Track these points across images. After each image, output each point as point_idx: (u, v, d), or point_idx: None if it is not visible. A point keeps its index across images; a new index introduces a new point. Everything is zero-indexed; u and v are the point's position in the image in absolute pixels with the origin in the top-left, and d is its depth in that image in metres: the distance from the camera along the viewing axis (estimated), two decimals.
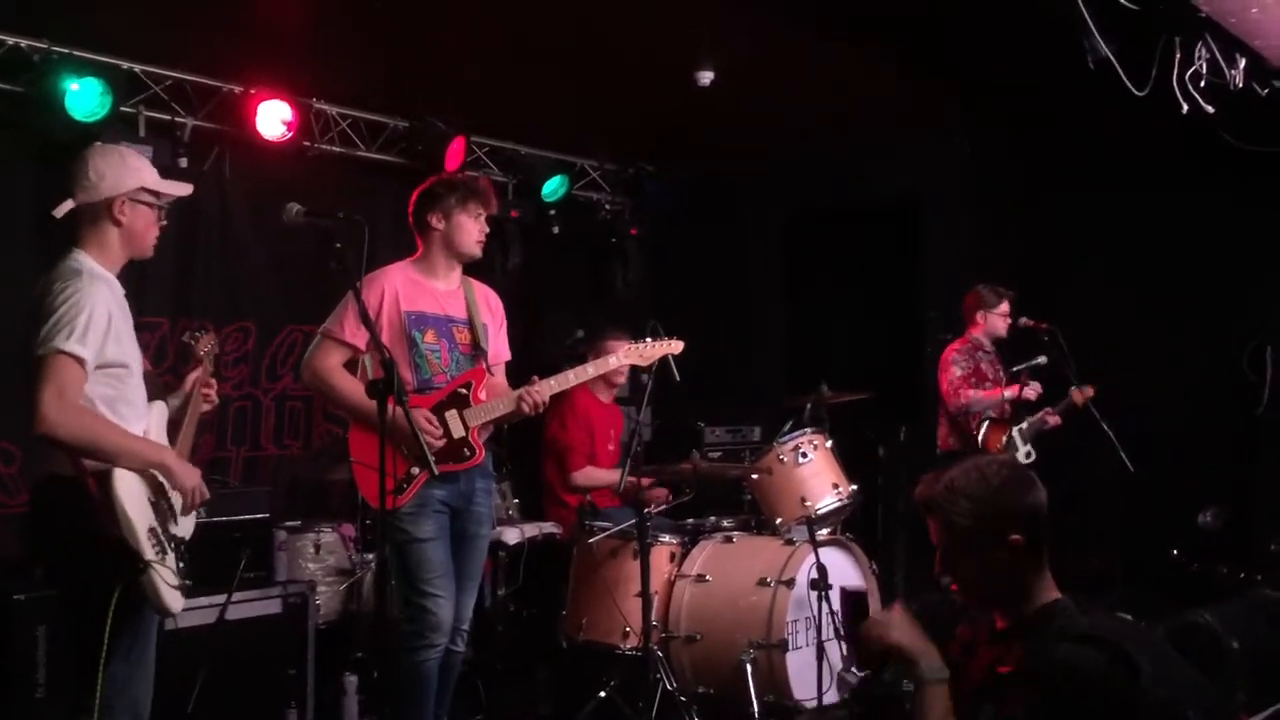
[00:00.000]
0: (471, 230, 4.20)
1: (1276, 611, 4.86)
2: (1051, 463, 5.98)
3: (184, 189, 3.42)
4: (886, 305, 7.71)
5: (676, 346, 4.49)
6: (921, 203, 7.69)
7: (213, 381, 3.54)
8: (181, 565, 3.15)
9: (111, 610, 2.93)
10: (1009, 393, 5.82)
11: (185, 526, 3.26)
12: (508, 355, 4.39)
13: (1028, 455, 5.97)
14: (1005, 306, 6.12)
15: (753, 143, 7.10)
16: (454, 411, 4.08)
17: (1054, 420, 5.96)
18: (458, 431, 4.07)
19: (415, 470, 3.94)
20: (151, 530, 3.05)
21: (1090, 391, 5.96)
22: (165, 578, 3.03)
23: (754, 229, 8.34)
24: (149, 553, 2.99)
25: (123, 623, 2.99)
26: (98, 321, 3.00)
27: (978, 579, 2.37)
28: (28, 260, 4.90)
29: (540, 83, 6.19)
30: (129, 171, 3.20)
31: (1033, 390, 5.90)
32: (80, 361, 2.96)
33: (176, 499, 3.20)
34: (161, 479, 3.13)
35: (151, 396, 3.29)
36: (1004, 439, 5.81)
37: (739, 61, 6.04)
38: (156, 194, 3.27)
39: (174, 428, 3.37)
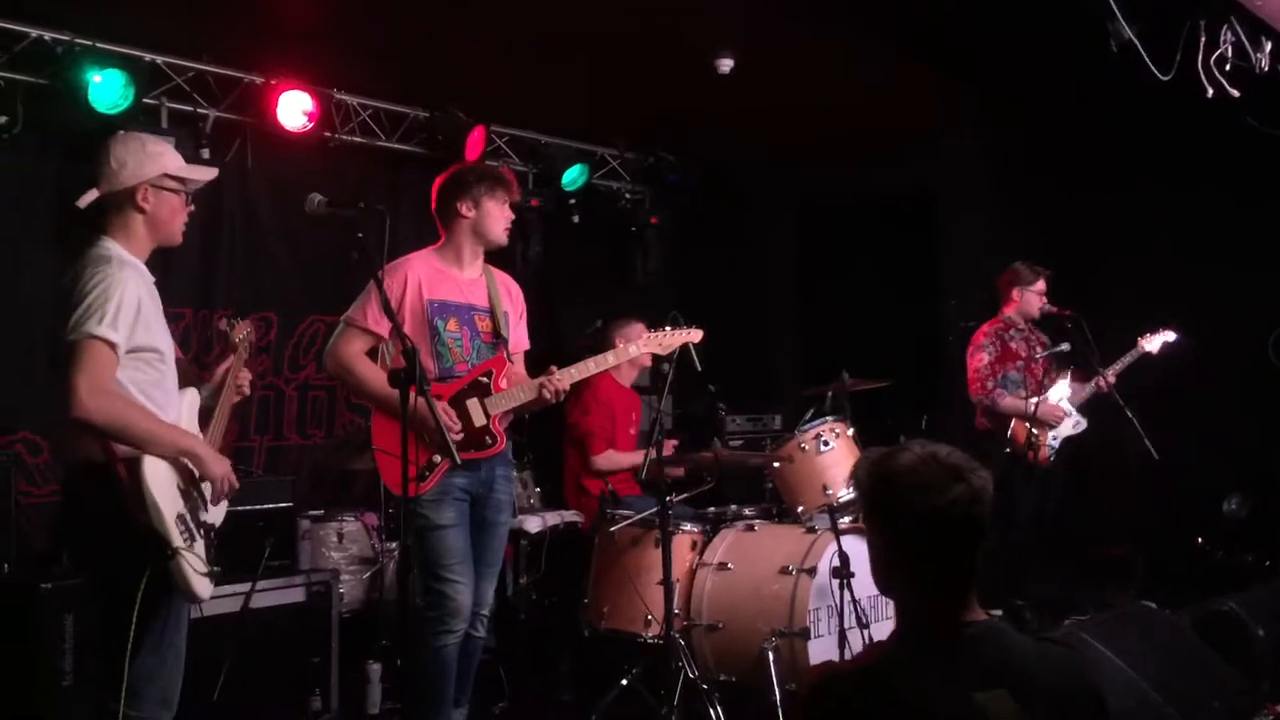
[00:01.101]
0: (499, 218, 4.22)
1: None
2: (1076, 450, 5.97)
3: (208, 173, 3.43)
4: (905, 293, 7.68)
5: (696, 335, 4.50)
6: (939, 192, 7.66)
7: (246, 372, 3.56)
8: (211, 552, 3.17)
9: (139, 597, 2.95)
10: (1031, 406, 5.76)
11: (216, 513, 3.28)
12: (527, 345, 4.40)
13: (1074, 425, 5.91)
14: (1041, 284, 6.10)
15: (770, 132, 7.07)
16: (475, 400, 4.09)
17: (1109, 379, 5.86)
18: (479, 420, 4.08)
19: (437, 458, 3.95)
20: (180, 517, 3.07)
21: (1170, 335, 5.92)
22: (194, 565, 3.04)
23: (772, 218, 8.33)
24: (177, 539, 3.01)
25: (152, 610, 3.01)
26: (128, 306, 3.02)
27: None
28: (52, 252, 4.94)
29: (560, 72, 6.18)
30: (150, 158, 3.22)
31: (1057, 414, 5.85)
32: (112, 346, 2.98)
33: (207, 486, 3.22)
34: (191, 466, 3.15)
35: (183, 384, 3.31)
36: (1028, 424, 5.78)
37: (757, 52, 6.02)
38: (180, 180, 3.28)
39: (205, 416, 3.39)
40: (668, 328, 4.49)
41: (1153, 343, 5.93)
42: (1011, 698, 1.95)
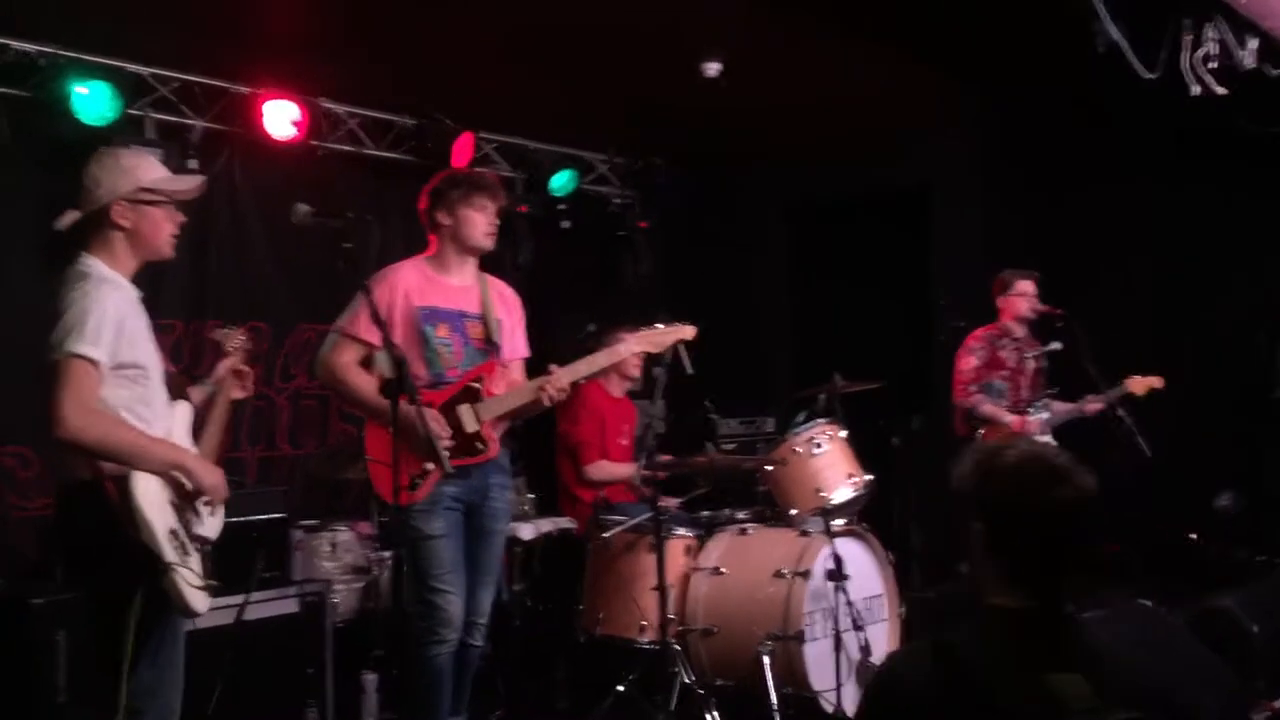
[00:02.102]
0: (479, 223, 4.20)
1: None
2: (1068, 448, 5.97)
3: (188, 182, 3.34)
4: (896, 294, 7.68)
5: (689, 331, 4.44)
6: (930, 191, 7.65)
7: (247, 370, 3.54)
8: (208, 565, 3.15)
9: (134, 614, 2.93)
10: (1014, 421, 5.78)
11: (211, 527, 3.26)
12: (526, 352, 4.38)
13: None
14: (1023, 285, 6.09)
15: (760, 133, 7.07)
16: (467, 406, 4.08)
17: (1094, 407, 5.90)
18: (470, 426, 4.07)
19: (430, 467, 3.93)
20: (172, 532, 3.05)
21: (1157, 382, 5.92)
22: (188, 579, 3.02)
23: (762, 220, 8.32)
24: (170, 555, 2.99)
25: (149, 626, 2.99)
26: (108, 322, 2.99)
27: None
28: (38, 266, 4.90)
29: (547, 77, 6.18)
30: (123, 173, 3.16)
31: (1037, 425, 5.87)
32: (94, 363, 2.95)
33: (202, 498, 3.20)
34: (183, 480, 3.13)
35: (174, 396, 3.28)
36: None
37: (745, 53, 6.02)
38: (162, 191, 3.21)
39: (204, 414, 3.36)
40: (659, 325, 4.46)
41: (1139, 385, 5.94)
42: (1086, 682, 1.98)
